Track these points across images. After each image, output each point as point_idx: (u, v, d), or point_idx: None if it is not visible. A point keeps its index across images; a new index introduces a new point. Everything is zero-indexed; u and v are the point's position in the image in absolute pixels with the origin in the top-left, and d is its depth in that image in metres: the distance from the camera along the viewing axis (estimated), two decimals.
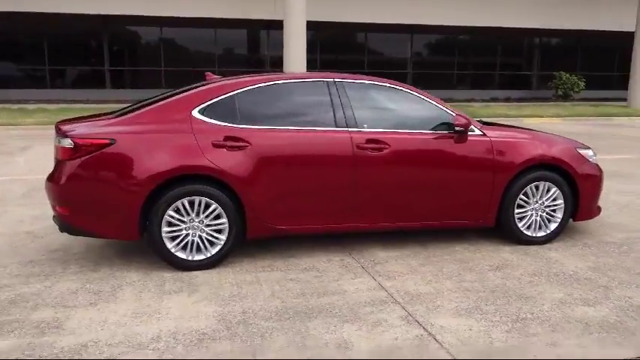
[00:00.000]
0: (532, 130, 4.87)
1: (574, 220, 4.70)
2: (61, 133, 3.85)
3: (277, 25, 20.41)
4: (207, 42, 21.18)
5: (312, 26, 16.97)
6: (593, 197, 4.69)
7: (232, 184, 3.86)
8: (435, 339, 2.93)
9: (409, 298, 3.46)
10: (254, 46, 22.84)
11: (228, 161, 3.85)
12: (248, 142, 3.90)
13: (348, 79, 4.29)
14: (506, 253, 4.37)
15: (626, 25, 20.58)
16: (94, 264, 4.07)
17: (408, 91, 4.42)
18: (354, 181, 4.09)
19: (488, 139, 4.36)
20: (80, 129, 3.83)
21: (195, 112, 3.93)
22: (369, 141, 4.10)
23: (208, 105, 3.97)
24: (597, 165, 4.74)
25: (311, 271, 3.93)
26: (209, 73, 4.80)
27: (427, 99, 4.41)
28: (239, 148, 3.89)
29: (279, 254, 4.27)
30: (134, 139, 3.78)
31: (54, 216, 4.00)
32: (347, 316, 3.21)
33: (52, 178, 3.89)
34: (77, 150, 3.73)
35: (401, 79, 23.09)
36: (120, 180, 3.74)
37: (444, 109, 4.39)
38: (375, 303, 3.39)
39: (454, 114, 4.32)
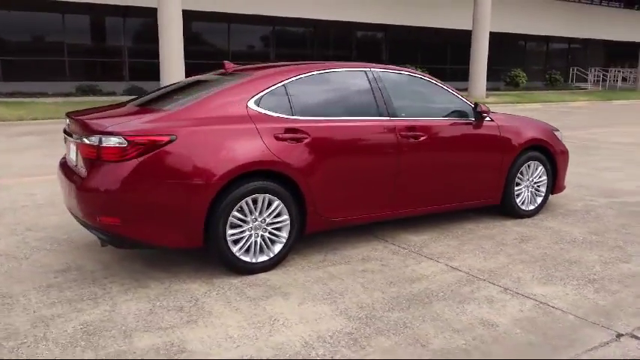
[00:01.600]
0: (519, 115, 5.42)
1: (552, 194, 5.36)
2: (98, 130, 3.28)
3: (137, 12, 19.02)
4: (53, 28, 18.82)
5: None
6: (565, 173, 5.41)
7: (296, 179, 3.68)
8: (550, 305, 3.20)
9: (487, 275, 3.69)
10: (105, 34, 20.86)
11: (291, 155, 3.66)
12: (307, 134, 3.75)
13: (382, 69, 4.34)
14: (513, 226, 4.83)
15: (465, 24, 23.22)
16: (132, 280, 3.56)
17: (429, 79, 4.62)
18: (397, 169, 4.18)
19: (496, 124, 4.76)
20: (131, 124, 3.31)
21: (251, 104, 3.65)
22: (408, 129, 4.21)
23: (263, 95, 3.71)
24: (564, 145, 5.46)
25: (372, 261, 3.93)
26: (227, 62, 4.44)
27: (444, 86, 4.66)
28: (298, 140, 3.71)
29: (322, 248, 4.17)
30: (197, 135, 3.38)
31: (91, 228, 3.40)
32: (456, 297, 3.32)
33: (89, 185, 3.30)
34: (131, 149, 3.23)
35: None
36: (184, 181, 3.33)
37: (458, 96, 4.68)
38: (465, 282, 3.55)
39: (469, 102, 4.64)
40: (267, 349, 2.68)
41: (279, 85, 3.80)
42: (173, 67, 14.84)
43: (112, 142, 3.24)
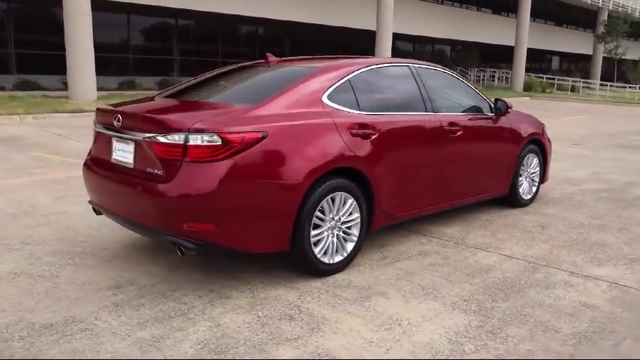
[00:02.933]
0: (517, 110, 5.75)
1: (541, 184, 5.78)
2: (183, 128, 2.95)
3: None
4: None
5: None
6: (549, 165, 5.86)
7: (369, 176, 3.60)
8: (621, 285, 3.48)
9: (545, 261, 3.90)
10: None
11: (364, 152, 3.57)
12: (375, 130, 3.68)
13: (421, 65, 4.38)
14: (522, 215, 5.15)
15: (369, 24, 23.95)
16: (206, 290, 3.26)
17: (453, 74, 4.75)
18: (442, 164, 4.26)
19: (507, 118, 5.03)
20: (220, 120, 3.01)
21: (325, 98, 3.50)
22: (450, 124, 4.31)
23: (333, 90, 3.58)
24: None
25: (431, 255, 3.96)
26: (269, 54, 4.18)
27: (464, 81, 4.83)
28: (367, 136, 3.63)
29: (372, 245, 4.11)
30: (286, 131, 3.17)
31: (170, 235, 3.02)
32: (539, 284, 3.47)
33: (175, 188, 2.94)
34: (224, 148, 2.94)
35: (168, 66, 22.08)
36: (276, 180, 3.11)
37: (477, 90, 4.88)
38: (532, 269, 3.72)
39: (486, 98, 4.86)
40: (420, 350, 2.61)
41: (345, 79, 3.68)
42: (81, 59, 13.60)
43: (202, 140, 2.92)
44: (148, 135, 3.06)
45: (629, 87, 32.50)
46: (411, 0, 29.59)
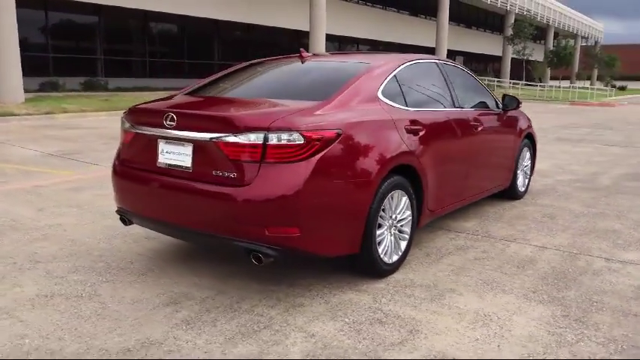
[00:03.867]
0: None
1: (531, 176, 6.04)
2: (260, 126, 2.75)
3: None
4: None
5: None
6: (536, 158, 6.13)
7: (420, 173, 3.57)
8: None
9: (576, 250, 4.05)
10: None
11: (416, 148, 3.53)
12: (423, 126, 3.64)
13: (444, 61, 4.40)
14: (524, 207, 5.34)
15: (302, 25, 23.92)
16: (274, 300, 3.07)
17: (466, 70, 4.82)
18: (469, 159, 4.31)
19: (510, 114, 5.19)
20: (299, 118, 2.82)
21: (380, 95, 3.41)
22: (474, 120, 4.37)
23: (385, 86, 3.50)
24: None
25: (470, 250, 4.00)
26: (302, 49, 3.99)
27: (474, 76, 4.92)
28: (417, 133, 3.59)
29: None
30: (356, 129, 3.05)
31: (246, 243, 2.80)
32: (586, 271, 3.60)
33: (255, 192, 2.73)
34: (307, 147, 2.77)
35: (92, 65, 20.76)
36: (353, 179, 2.99)
37: (484, 86, 5.00)
38: (570, 258, 3.86)
39: (492, 93, 4.99)
40: (529, 344, 2.61)
41: (392, 75, 3.61)
42: (7, 58, 12.47)
43: (282, 139, 2.74)
44: (215, 135, 2.82)
45: (540, 85, 34.96)
46: (336, 0, 30.02)
